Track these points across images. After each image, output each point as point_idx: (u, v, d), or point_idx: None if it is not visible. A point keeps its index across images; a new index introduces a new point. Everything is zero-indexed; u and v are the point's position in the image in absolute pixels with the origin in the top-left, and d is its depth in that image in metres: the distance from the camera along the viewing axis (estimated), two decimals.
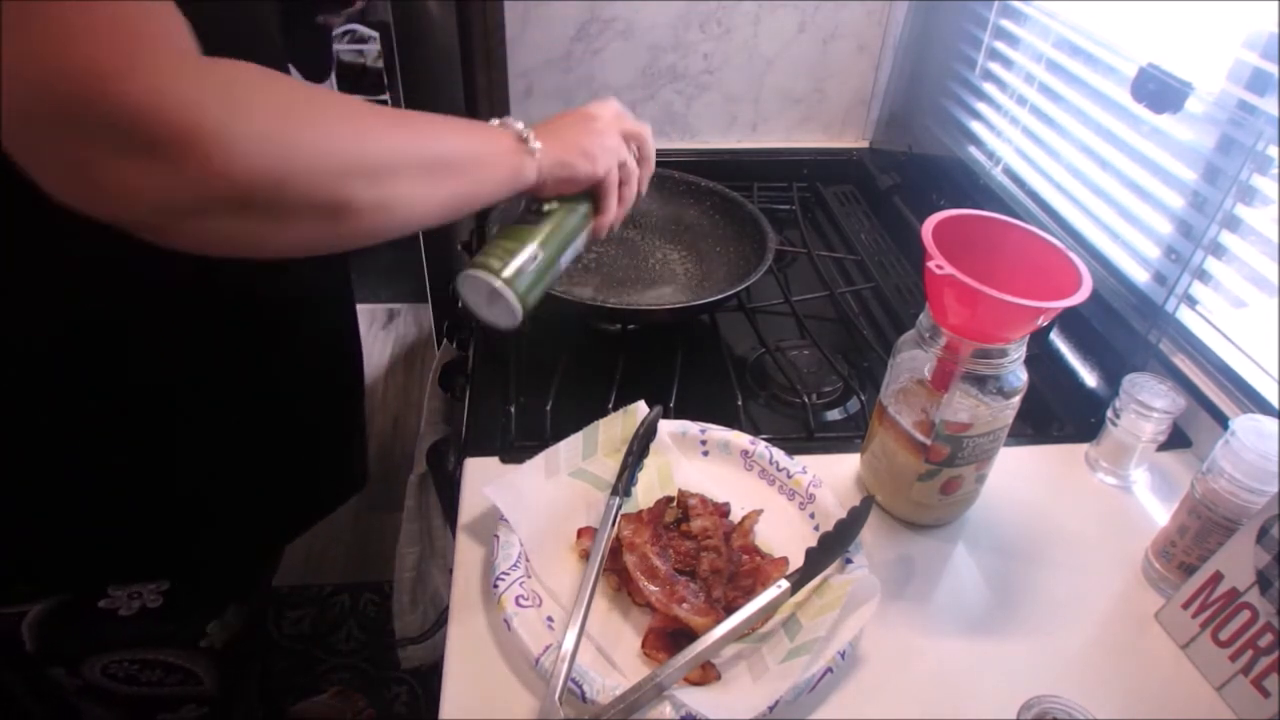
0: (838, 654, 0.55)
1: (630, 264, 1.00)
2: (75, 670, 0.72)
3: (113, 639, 0.71)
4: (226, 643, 0.78)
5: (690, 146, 1.33)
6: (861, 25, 1.25)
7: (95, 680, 0.73)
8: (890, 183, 1.24)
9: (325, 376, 0.78)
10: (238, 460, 0.69)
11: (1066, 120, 0.96)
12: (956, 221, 0.62)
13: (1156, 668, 0.61)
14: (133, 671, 0.74)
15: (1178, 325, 0.80)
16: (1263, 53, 0.73)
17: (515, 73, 1.22)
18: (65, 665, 0.72)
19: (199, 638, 0.76)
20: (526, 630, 0.56)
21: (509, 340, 0.90)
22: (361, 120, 0.46)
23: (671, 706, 0.52)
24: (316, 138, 0.43)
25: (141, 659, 0.74)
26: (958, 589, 0.66)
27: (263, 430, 0.71)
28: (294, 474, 0.77)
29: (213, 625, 0.76)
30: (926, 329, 0.62)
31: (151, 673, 0.75)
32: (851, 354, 0.93)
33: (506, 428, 0.77)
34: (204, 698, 0.80)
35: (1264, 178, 0.73)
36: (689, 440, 0.74)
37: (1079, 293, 0.57)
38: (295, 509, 0.80)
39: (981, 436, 0.63)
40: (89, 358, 0.57)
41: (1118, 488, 0.75)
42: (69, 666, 0.72)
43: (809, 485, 0.69)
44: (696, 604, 0.58)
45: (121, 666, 0.73)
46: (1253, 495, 0.60)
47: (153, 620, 0.70)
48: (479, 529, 0.66)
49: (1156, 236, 0.84)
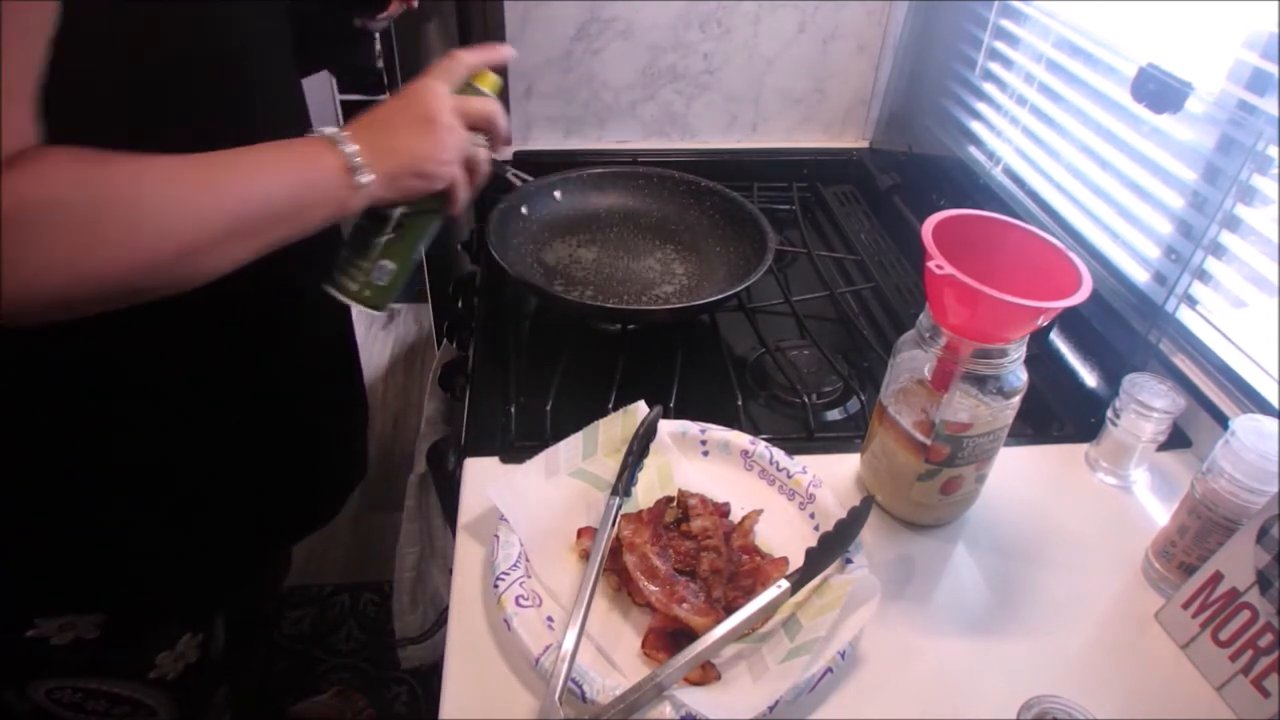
0: (838, 654, 0.55)
1: (630, 264, 1.00)
2: (22, 692, 0.71)
3: (51, 666, 0.69)
4: (182, 674, 0.76)
5: (690, 146, 1.33)
6: (861, 25, 1.25)
7: (41, 703, 0.71)
8: (890, 183, 1.24)
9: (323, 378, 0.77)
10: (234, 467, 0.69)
11: (1066, 120, 0.96)
12: (956, 221, 0.62)
13: (1156, 668, 0.61)
14: (77, 699, 0.72)
15: (1178, 325, 0.80)
16: (1263, 53, 0.73)
17: (515, 73, 1.23)
18: (12, 687, 0.71)
19: (147, 669, 0.73)
20: (526, 630, 0.56)
21: (509, 340, 0.90)
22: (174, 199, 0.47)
23: (671, 706, 0.52)
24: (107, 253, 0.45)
25: (85, 688, 0.72)
26: (958, 589, 0.65)
27: (259, 434, 0.70)
28: (291, 478, 0.76)
29: (163, 656, 0.74)
30: (926, 329, 0.62)
31: (96, 702, 0.73)
32: (851, 354, 0.93)
33: (506, 428, 0.77)
34: None
35: (1264, 178, 0.73)
36: (689, 440, 0.74)
37: (1079, 293, 0.57)
38: (293, 513, 0.80)
39: (981, 436, 0.63)
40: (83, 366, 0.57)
41: (1118, 488, 0.75)
42: (15, 689, 0.71)
43: (809, 485, 0.69)
44: (696, 604, 0.58)
45: (65, 693, 0.71)
46: (1253, 495, 0.60)
47: (91, 649, 0.68)
48: (479, 529, 0.66)
49: (1156, 236, 0.84)
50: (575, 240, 1.02)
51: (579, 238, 1.02)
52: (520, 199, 0.99)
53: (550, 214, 1.02)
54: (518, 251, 0.96)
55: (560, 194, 1.03)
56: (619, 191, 1.06)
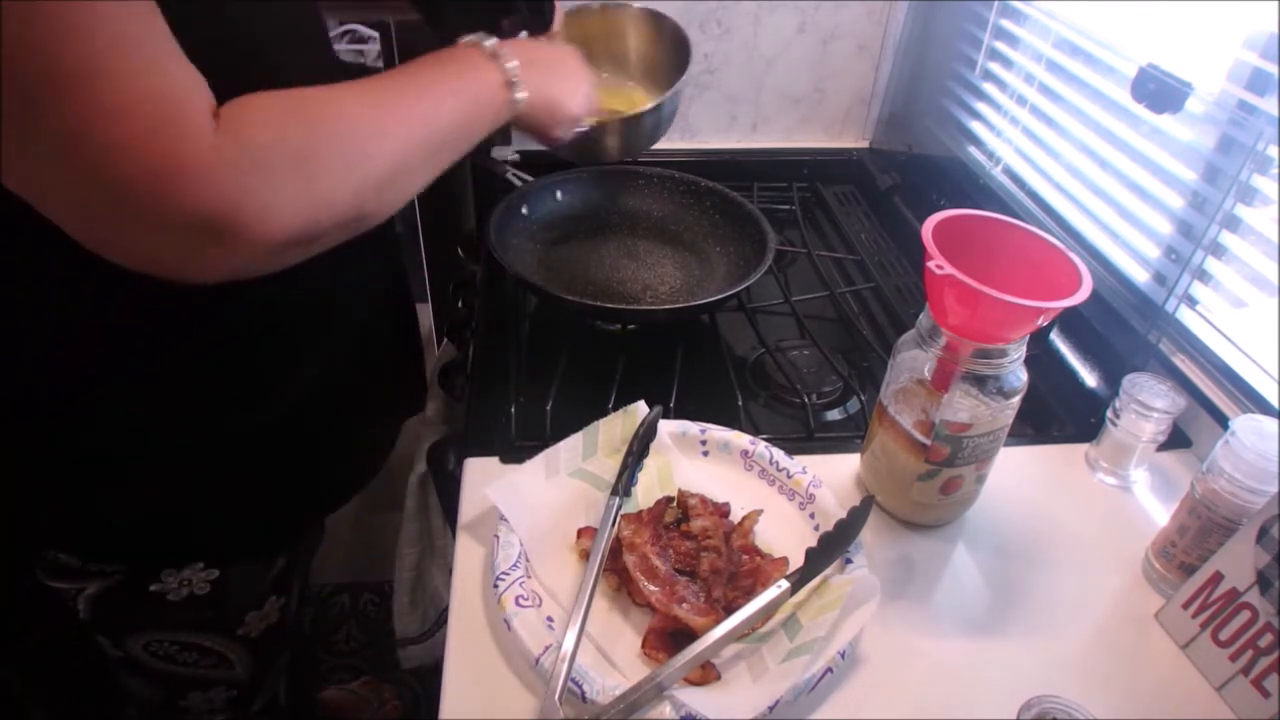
0: (838, 654, 0.55)
1: (630, 264, 1.00)
2: (119, 643, 0.75)
3: (158, 621, 0.74)
4: (262, 633, 0.80)
5: (690, 146, 1.33)
6: (861, 25, 1.25)
7: (136, 654, 0.76)
8: (890, 183, 1.24)
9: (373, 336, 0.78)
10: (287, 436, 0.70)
11: (1066, 120, 0.96)
12: (956, 221, 0.62)
13: (1156, 668, 0.61)
14: (171, 651, 0.76)
15: (1178, 325, 0.80)
16: (1263, 53, 0.73)
17: None
18: (111, 637, 0.75)
19: (237, 626, 0.78)
20: (526, 630, 0.56)
21: (509, 340, 0.90)
22: (369, 130, 0.51)
23: (671, 706, 0.52)
24: (334, 177, 0.49)
25: (181, 641, 0.76)
26: (958, 589, 0.65)
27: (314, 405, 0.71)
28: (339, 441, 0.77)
29: (251, 615, 0.78)
30: (926, 329, 0.62)
31: (188, 654, 0.77)
32: (851, 354, 0.93)
33: (506, 428, 0.77)
34: (234, 681, 0.83)
35: (1264, 178, 0.72)
36: (689, 440, 0.74)
37: (1079, 293, 0.57)
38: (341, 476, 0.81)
39: (981, 436, 0.63)
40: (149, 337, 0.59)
41: (1118, 488, 0.75)
42: (114, 639, 0.75)
43: (809, 485, 0.69)
44: (696, 604, 0.58)
45: (162, 646, 0.76)
46: (1253, 495, 0.60)
47: (197, 607, 0.73)
48: (479, 529, 0.66)
49: (1156, 236, 0.84)
50: (575, 240, 1.02)
51: (579, 237, 1.02)
52: (520, 199, 0.99)
53: (550, 214, 1.02)
54: (518, 251, 0.96)
55: (560, 194, 1.03)
56: (619, 191, 1.06)
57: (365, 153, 0.50)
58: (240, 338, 0.62)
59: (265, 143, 0.45)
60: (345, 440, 0.78)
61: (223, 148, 0.43)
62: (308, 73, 0.62)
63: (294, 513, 0.78)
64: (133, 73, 0.41)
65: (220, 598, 0.73)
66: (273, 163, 0.45)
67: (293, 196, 0.46)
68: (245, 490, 0.70)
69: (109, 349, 0.58)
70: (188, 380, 0.62)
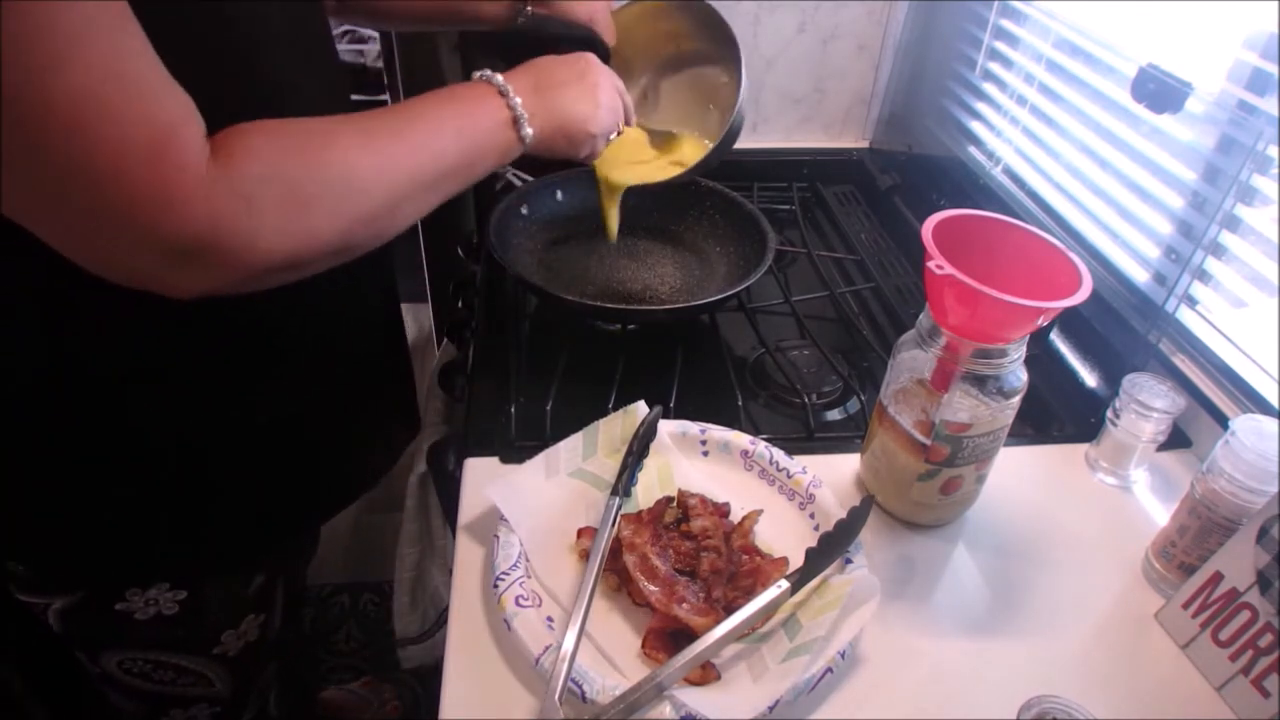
0: (838, 654, 0.55)
1: (630, 264, 1.00)
2: (94, 659, 0.75)
3: (128, 639, 0.73)
4: (240, 651, 0.79)
5: None
6: (861, 25, 1.25)
7: (112, 671, 0.75)
8: (890, 183, 1.24)
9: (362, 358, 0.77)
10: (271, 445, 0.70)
11: (1066, 120, 0.96)
12: (956, 221, 0.62)
13: (1156, 668, 0.61)
14: (146, 670, 0.75)
15: (1178, 325, 0.80)
16: (1263, 53, 0.73)
17: None
18: (85, 653, 0.75)
19: (213, 645, 0.77)
20: (526, 630, 0.56)
21: (509, 340, 0.90)
22: (366, 170, 0.51)
23: (671, 706, 0.52)
24: (325, 212, 0.50)
25: (154, 660, 0.75)
26: (958, 589, 0.65)
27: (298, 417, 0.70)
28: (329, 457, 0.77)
29: (228, 634, 0.77)
30: (926, 329, 0.62)
31: (164, 673, 0.76)
32: (851, 354, 0.93)
33: (506, 428, 0.77)
34: (216, 699, 0.82)
35: (1264, 178, 0.72)
36: (689, 440, 0.74)
37: (1079, 293, 0.57)
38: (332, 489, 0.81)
39: (981, 436, 0.63)
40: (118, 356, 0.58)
41: (1118, 488, 0.75)
42: (88, 655, 0.75)
43: (809, 485, 0.69)
44: (696, 604, 0.58)
45: (136, 664, 0.75)
46: (1253, 495, 0.60)
47: (167, 626, 0.72)
48: (479, 529, 0.66)
49: (1156, 236, 0.84)
50: (575, 240, 1.02)
51: (579, 237, 1.02)
52: (520, 199, 0.99)
53: (550, 214, 1.02)
54: (518, 251, 0.96)
55: (560, 194, 1.03)
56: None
57: (360, 189, 0.51)
58: (215, 353, 0.62)
59: (257, 175, 0.46)
60: (322, 461, 0.77)
61: (215, 179, 0.44)
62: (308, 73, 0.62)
63: (268, 531, 0.76)
64: (126, 102, 0.41)
65: (191, 617, 0.72)
66: (263, 195, 0.46)
67: (279, 228, 0.47)
68: (211, 510, 0.68)
69: (70, 359, 0.57)
70: (151, 397, 0.61)
